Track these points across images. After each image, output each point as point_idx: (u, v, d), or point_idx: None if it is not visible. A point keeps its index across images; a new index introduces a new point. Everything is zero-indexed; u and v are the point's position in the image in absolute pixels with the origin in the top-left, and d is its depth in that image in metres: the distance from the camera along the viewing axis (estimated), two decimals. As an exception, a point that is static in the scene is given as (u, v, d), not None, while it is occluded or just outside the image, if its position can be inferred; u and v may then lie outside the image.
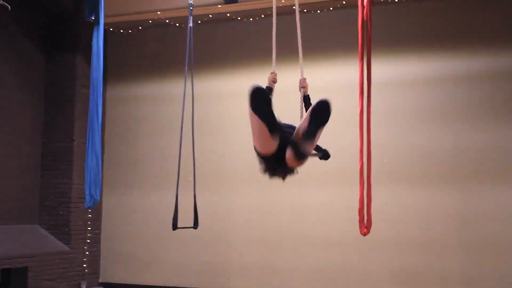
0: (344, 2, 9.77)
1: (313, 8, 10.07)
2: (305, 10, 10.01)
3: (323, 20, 10.20)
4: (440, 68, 9.61)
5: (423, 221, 9.40)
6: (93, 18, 8.56)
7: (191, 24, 8.05)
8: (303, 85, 5.51)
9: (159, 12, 10.62)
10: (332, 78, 9.89)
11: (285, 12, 9.87)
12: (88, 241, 11.04)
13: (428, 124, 9.55)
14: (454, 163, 9.35)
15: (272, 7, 6.13)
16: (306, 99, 5.49)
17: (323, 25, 10.19)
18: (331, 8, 10.07)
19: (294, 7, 9.80)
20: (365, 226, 5.49)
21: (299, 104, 5.56)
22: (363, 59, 5.63)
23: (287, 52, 7.92)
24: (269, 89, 5.41)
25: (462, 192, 9.27)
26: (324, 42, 10.11)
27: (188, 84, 8.02)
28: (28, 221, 10.59)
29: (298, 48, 5.61)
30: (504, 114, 9.19)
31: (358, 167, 5.50)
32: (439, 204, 9.35)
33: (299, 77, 5.53)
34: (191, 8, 8.12)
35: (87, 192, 8.34)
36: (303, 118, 4.73)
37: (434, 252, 9.30)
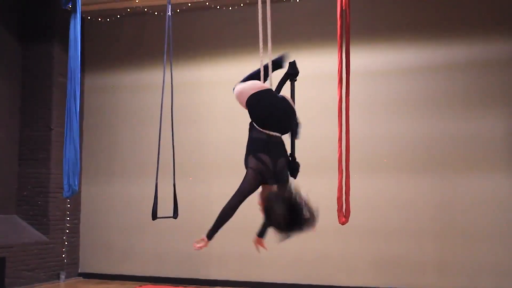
0: (323, -9, 9.79)
1: (292, -4, 10.10)
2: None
3: (302, 9, 10.20)
4: (419, 57, 9.66)
5: (402, 210, 9.48)
6: (70, 6, 8.48)
7: (169, 13, 8.01)
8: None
9: (137, 0, 10.55)
10: (311, 67, 9.91)
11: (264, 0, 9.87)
12: (67, 231, 11.00)
13: (406, 113, 9.61)
14: (431, 152, 9.43)
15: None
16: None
17: (302, 14, 10.20)
18: (310, -3, 10.09)
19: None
20: (344, 215, 5.52)
21: None
22: (342, 48, 5.64)
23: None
24: None
25: (438, 181, 9.37)
26: (303, 31, 10.12)
27: (167, 73, 7.99)
28: (5, 211, 10.52)
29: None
30: (480, 104, 9.28)
31: (337, 156, 5.53)
32: (416, 192, 9.44)
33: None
34: (170, -4, 8.08)
35: (65, 182, 8.27)
36: None
37: (412, 240, 9.39)
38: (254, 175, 4.59)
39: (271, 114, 4.74)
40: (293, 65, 5.29)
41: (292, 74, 5.31)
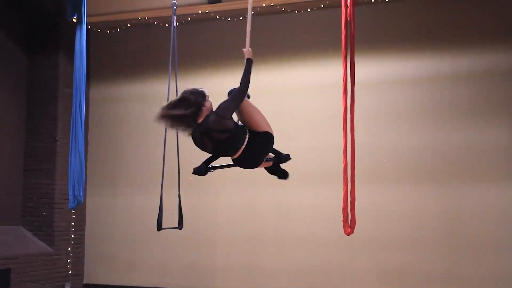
0: (327, 2, 9.79)
1: (297, 8, 10.10)
2: (289, 10, 10.05)
3: (307, 20, 10.22)
4: (424, 67, 9.65)
5: (407, 220, 9.45)
6: (75, 18, 8.51)
7: (174, 24, 8.01)
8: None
9: (142, 12, 10.59)
10: (316, 77, 9.92)
11: (268, 12, 9.93)
12: (72, 242, 10.99)
13: (412, 123, 9.59)
14: (437, 162, 9.41)
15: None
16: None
17: (307, 25, 10.21)
18: (314, 8, 10.09)
19: (278, 7, 9.89)
20: (349, 225, 5.49)
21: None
22: (346, 58, 5.64)
23: (271, 51, 7.90)
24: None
25: (445, 191, 9.34)
26: (308, 42, 10.13)
27: (172, 84, 7.99)
28: (10, 222, 10.51)
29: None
30: (487, 114, 9.25)
31: (342, 166, 5.51)
32: (422, 203, 9.41)
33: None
34: (175, 8, 8.06)
35: (70, 193, 8.28)
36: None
37: (417, 250, 9.36)
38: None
39: (259, 158, 5.28)
40: (286, 158, 5.54)
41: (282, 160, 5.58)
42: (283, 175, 5.83)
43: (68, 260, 10.89)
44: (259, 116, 5.20)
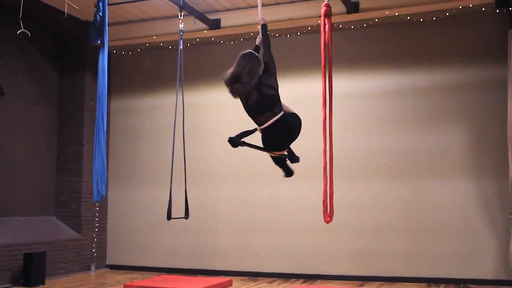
0: (309, 28, 9.78)
1: (284, 33, 10.08)
2: (277, 35, 9.99)
3: (293, 43, 10.18)
4: (389, 82, 9.65)
5: (376, 210, 9.43)
6: (99, 42, 8.40)
7: (181, 47, 7.99)
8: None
9: (154, 37, 10.57)
10: (301, 91, 9.86)
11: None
12: (96, 229, 10.92)
13: (379, 129, 9.58)
14: (400, 161, 9.39)
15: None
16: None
17: (293, 47, 10.17)
18: (299, 33, 10.08)
19: (268, 32, 9.81)
20: (328, 215, 5.44)
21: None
22: (325, 75, 5.58)
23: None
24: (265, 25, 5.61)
25: (406, 185, 9.35)
26: (293, 61, 10.09)
27: (179, 97, 7.95)
28: (45, 213, 10.50)
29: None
30: (441, 122, 9.27)
31: (322, 165, 5.46)
32: (388, 195, 9.41)
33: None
34: (181, 33, 8.09)
35: (94, 188, 8.15)
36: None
37: (384, 235, 9.35)
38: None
39: (287, 138, 5.10)
40: (297, 159, 5.46)
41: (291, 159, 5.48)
42: (289, 173, 5.68)
43: (93, 245, 10.82)
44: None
